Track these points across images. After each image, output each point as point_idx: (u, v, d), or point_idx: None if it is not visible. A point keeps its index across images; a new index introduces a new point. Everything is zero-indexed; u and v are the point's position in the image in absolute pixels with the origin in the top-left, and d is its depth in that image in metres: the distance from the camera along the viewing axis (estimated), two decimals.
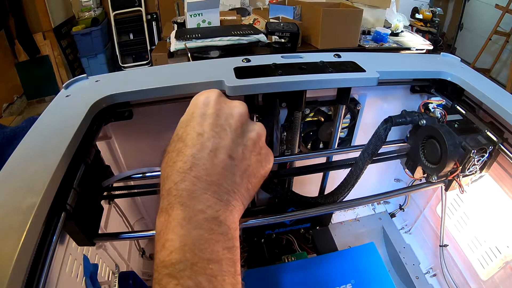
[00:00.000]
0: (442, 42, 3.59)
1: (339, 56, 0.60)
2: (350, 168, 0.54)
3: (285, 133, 0.69)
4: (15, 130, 0.68)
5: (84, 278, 0.48)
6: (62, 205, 0.36)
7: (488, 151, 0.54)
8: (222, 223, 0.24)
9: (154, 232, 0.25)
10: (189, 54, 1.25)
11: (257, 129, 0.29)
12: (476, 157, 0.54)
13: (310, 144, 0.76)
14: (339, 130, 0.70)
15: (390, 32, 1.81)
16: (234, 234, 0.25)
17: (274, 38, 1.33)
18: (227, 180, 0.25)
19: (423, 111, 0.60)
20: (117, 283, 0.60)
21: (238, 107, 0.28)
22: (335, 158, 0.68)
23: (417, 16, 3.04)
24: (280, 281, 0.68)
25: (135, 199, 0.78)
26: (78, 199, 0.38)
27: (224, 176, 0.25)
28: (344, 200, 0.54)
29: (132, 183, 0.57)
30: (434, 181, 0.56)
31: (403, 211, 0.99)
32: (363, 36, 1.79)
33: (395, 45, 1.76)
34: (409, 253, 0.90)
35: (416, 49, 1.78)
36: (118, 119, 0.57)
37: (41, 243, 0.32)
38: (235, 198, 0.26)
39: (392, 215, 1.01)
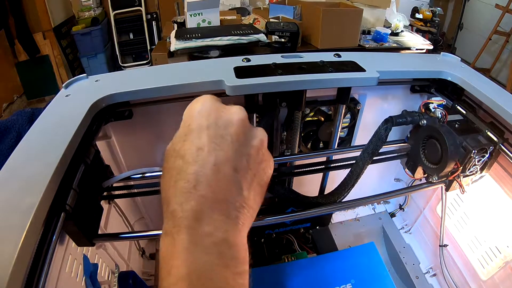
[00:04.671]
0: (442, 42, 3.58)
1: (339, 56, 0.59)
2: (350, 168, 0.54)
3: (285, 133, 0.69)
4: (6, 124, 0.67)
5: (84, 278, 0.48)
6: (62, 205, 0.36)
7: (488, 151, 0.54)
8: (232, 245, 0.22)
9: (154, 232, 0.24)
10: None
11: (259, 135, 0.27)
12: (476, 157, 0.53)
13: (310, 144, 0.76)
14: (339, 130, 0.70)
15: (390, 32, 1.80)
16: (245, 256, 0.23)
17: (274, 37, 1.33)
18: (234, 195, 0.24)
19: (423, 111, 0.60)
20: (117, 283, 0.60)
21: (237, 113, 0.26)
22: (335, 158, 0.68)
23: (417, 16, 3.04)
24: (280, 281, 0.68)
25: (135, 199, 0.78)
26: (78, 199, 0.38)
27: (230, 192, 0.23)
28: (344, 200, 0.54)
29: (132, 183, 0.56)
30: (434, 181, 0.56)
31: (403, 211, 0.99)
32: (363, 36, 1.78)
33: (395, 45, 1.76)
34: (409, 253, 0.90)
35: (416, 49, 1.78)
36: (118, 119, 0.57)
37: (41, 243, 0.32)
38: (243, 212, 0.24)
39: (392, 215, 1.01)
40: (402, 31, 1.92)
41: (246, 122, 0.26)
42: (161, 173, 0.25)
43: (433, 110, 0.59)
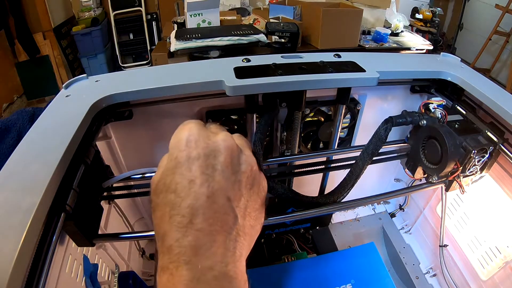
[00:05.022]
0: (442, 42, 3.59)
1: (339, 56, 0.59)
2: (350, 168, 0.54)
3: (285, 133, 0.69)
4: (7, 123, 0.66)
5: (84, 278, 0.48)
6: (62, 205, 0.36)
7: (488, 152, 0.54)
8: (232, 278, 0.22)
9: (154, 232, 0.24)
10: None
11: (248, 160, 0.27)
12: (476, 157, 0.53)
13: (310, 144, 0.76)
14: (339, 130, 0.70)
15: (390, 32, 1.81)
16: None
17: (274, 38, 1.33)
18: (230, 225, 0.23)
19: (423, 111, 0.60)
20: (117, 283, 0.60)
21: (224, 140, 0.25)
22: (335, 158, 0.68)
23: (417, 16, 3.04)
24: (280, 281, 0.68)
25: (135, 199, 0.78)
26: (78, 200, 0.38)
27: (227, 222, 0.23)
28: (344, 200, 0.54)
29: (132, 183, 0.57)
30: (434, 181, 0.56)
31: (403, 211, 0.99)
32: (363, 36, 1.79)
33: (395, 45, 1.76)
34: (409, 253, 0.90)
35: (416, 49, 1.78)
36: (118, 119, 0.57)
37: (41, 243, 0.32)
38: (240, 241, 0.24)
39: (392, 215, 1.01)
40: (402, 31, 1.92)
41: (234, 148, 0.26)
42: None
43: (433, 110, 0.59)
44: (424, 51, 1.79)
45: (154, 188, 0.25)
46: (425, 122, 0.55)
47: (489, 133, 0.55)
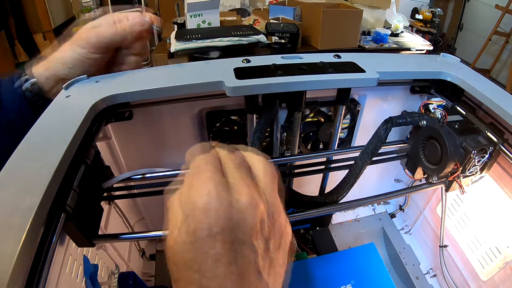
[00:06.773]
0: (442, 43, 3.59)
1: (339, 57, 0.60)
2: (349, 168, 0.54)
3: (285, 134, 0.69)
4: None
5: (84, 278, 0.48)
6: (62, 206, 0.36)
7: (488, 152, 0.54)
8: None
9: (154, 233, 0.24)
10: None
11: (281, 227, 0.23)
12: (476, 157, 0.54)
13: (310, 145, 0.76)
14: (339, 131, 0.70)
15: (390, 32, 1.81)
16: None
17: (274, 38, 1.33)
18: None
19: (423, 111, 0.60)
20: (117, 284, 0.60)
21: (252, 206, 0.21)
22: (335, 158, 0.68)
23: (417, 16, 3.04)
24: None
25: (135, 199, 0.78)
26: (78, 200, 0.38)
27: None
28: (344, 200, 0.54)
29: (132, 183, 0.57)
30: (434, 181, 0.56)
31: (403, 211, 0.99)
32: (363, 36, 1.79)
33: (395, 46, 1.76)
34: (409, 253, 0.90)
35: (416, 50, 1.78)
36: (118, 120, 0.57)
37: (41, 243, 0.32)
38: None
39: (392, 215, 1.01)
40: (402, 31, 1.92)
41: (263, 216, 0.22)
42: (161, 173, 0.24)
43: (433, 110, 0.59)
44: (424, 51, 1.79)
45: (171, 256, 0.22)
46: (425, 122, 0.55)
47: (489, 134, 0.55)
